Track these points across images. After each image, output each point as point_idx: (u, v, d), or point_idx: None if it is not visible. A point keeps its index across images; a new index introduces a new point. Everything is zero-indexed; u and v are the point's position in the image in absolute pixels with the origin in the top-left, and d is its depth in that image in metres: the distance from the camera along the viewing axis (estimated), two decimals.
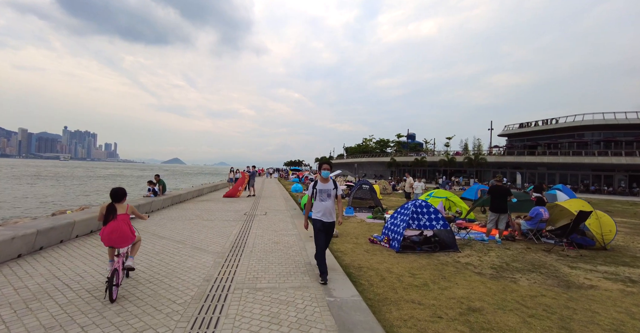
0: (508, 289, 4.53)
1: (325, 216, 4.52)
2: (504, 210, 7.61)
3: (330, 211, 4.54)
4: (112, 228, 3.83)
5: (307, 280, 4.46)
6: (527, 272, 5.39)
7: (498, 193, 7.61)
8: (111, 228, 3.83)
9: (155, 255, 5.52)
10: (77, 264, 4.91)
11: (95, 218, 7.18)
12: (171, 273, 4.64)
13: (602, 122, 40.07)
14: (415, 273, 5.08)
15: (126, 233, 3.92)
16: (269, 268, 4.97)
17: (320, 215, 4.52)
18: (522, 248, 7.14)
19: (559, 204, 8.55)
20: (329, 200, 4.54)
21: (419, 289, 4.41)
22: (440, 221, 6.69)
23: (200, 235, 7.23)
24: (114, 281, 3.60)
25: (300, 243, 6.70)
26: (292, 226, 8.55)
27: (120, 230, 3.86)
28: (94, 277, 4.36)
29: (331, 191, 4.58)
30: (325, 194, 4.54)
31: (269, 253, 5.80)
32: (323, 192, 4.55)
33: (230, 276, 4.56)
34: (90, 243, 6.23)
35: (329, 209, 4.52)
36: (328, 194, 4.54)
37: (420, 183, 13.00)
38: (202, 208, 11.71)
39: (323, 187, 4.59)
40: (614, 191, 34.42)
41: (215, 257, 5.48)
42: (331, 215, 4.56)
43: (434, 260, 5.92)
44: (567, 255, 6.61)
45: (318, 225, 4.54)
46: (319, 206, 4.54)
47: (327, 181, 4.67)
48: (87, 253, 5.50)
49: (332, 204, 4.56)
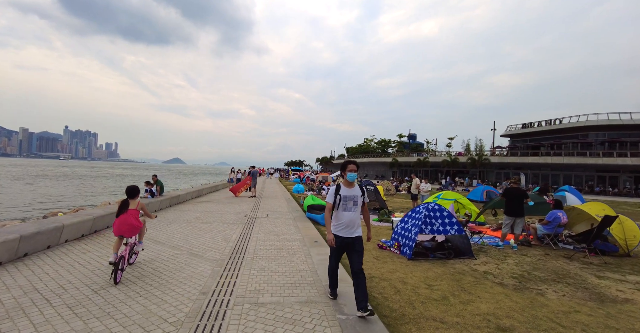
0: (537, 303, 4.09)
1: (349, 229, 3.66)
2: (521, 214, 7.18)
3: (355, 223, 3.68)
4: (122, 220, 4.48)
5: (314, 294, 4.02)
6: (553, 283, 4.95)
7: (514, 195, 7.18)
8: (121, 220, 4.48)
9: (148, 263, 5.09)
10: (62, 273, 4.47)
11: (87, 221, 6.77)
12: (164, 284, 4.21)
13: (606, 122, 39.58)
14: (431, 284, 4.65)
15: (133, 225, 4.54)
16: (272, 278, 4.54)
17: (342, 229, 3.66)
18: (540, 255, 6.70)
19: (576, 208, 8.12)
20: (355, 210, 3.69)
21: (439, 303, 3.97)
22: (454, 225, 6.26)
23: (198, 239, 6.81)
24: (119, 266, 4.17)
25: (305, 248, 6.26)
26: (295, 230, 8.12)
27: (129, 223, 4.50)
28: (78, 289, 3.93)
29: (358, 198, 3.70)
30: (351, 202, 3.67)
31: (271, 261, 5.37)
32: (348, 199, 3.66)
33: (230, 288, 4.13)
34: (80, 248, 5.80)
35: (353, 220, 3.66)
36: (354, 203, 3.68)
37: (427, 184, 12.56)
38: (201, 210, 11.28)
39: (348, 193, 3.69)
40: (619, 193, 33.91)
41: (214, 265, 5.05)
42: (356, 228, 3.70)
43: (450, 268, 5.48)
44: (591, 263, 6.17)
45: (337, 242, 3.67)
46: (342, 217, 3.66)
47: (352, 185, 3.77)
48: (74, 261, 5.07)
49: (357, 215, 3.71)
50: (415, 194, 12.83)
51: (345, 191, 3.70)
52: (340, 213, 3.69)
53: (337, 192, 3.71)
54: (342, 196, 3.67)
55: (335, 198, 3.70)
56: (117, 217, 4.50)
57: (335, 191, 3.72)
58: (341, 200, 3.66)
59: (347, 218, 3.65)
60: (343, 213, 3.67)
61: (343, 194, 3.68)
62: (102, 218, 7.36)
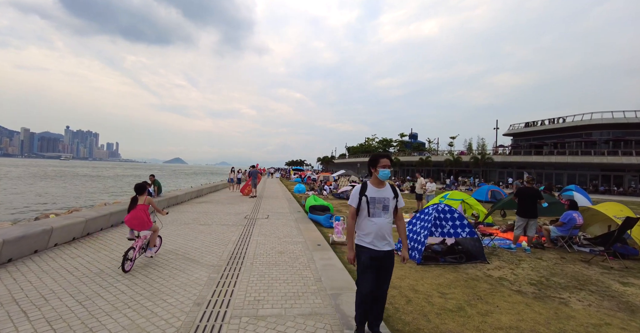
0: (562, 314, 3.74)
1: (378, 240, 2.88)
2: (534, 215, 6.83)
3: (385, 234, 2.90)
4: (132, 214, 4.88)
5: (318, 304, 3.68)
6: (575, 290, 4.60)
7: (528, 195, 6.83)
8: (132, 214, 4.88)
9: (140, 269, 4.75)
10: (46, 281, 4.14)
11: (79, 224, 6.45)
12: (156, 293, 3.87)
13: (611, 121, 39.08)
14: (445, 293, 4.30)
15: (143, 219, 4.92)
16: (273, 286, 4.20)
17: (370, 240, 2.89)
18: (555, 258, 6.35)
19: (591, 208, 7.77)
20: (386, 216, 2.92)
21: (455, 315, 3.63)
22: (466, 228, 5.91)
23: (195, 242, 6.48)
24: (128, 256, 4.58)
25: (308, 253, 5.92)
26: (297, 232, 7.78)
27: (138, 217, 4.89)
28: (60, 300, 3.60)
29: (389, 201, 2.95)
30: (381, 205, 2.91)
31: (272, 267, 5.03)
32: (378, 203, 2.91)
33: (227, 298, 3.79)
34: (70, 253, 5.47)
35: (384, 230, 2.89)
36: (384, 207, 2.92)
37: (433, 184, 12.21)
38: (200, 211, 10.95)
39: (378, 194, 2.94)
40: (624, 192, 33.49)
41: (210, 272, 4.71)
42: (387, 240, 2.92)
43: (462, 274, 5.14)
44: (611, 267, 5.81)
45: (365, 257, 2.88)
46: (369, 225, 2.90)
47: (383, 185, 3.01)
48: (61, 267, 4.74)
49: (389, 223, 2.95)
50: (420, 195, 12.47)
51: (374, 192, 2.94)
52: (366, 220, 2.92)
53: (362, 193, 2.95)
54: (370, 198, 2.91)
55: (360, 200, 2.94)
56: (128, 212, 4.92)
57: (360, 192, 2.96)
58: (368, 203, 2.90)
59: (374, 227, 2.88)
60: (370, 220, 2.90)
61: (370, 196, 2.92)
62: (95, 220, 7.04)
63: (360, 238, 2.97)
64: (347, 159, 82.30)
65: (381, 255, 2.88)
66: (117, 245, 6.12)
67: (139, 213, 4.88)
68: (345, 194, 18.07)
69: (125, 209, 8.63)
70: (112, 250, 5.72)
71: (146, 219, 4.94)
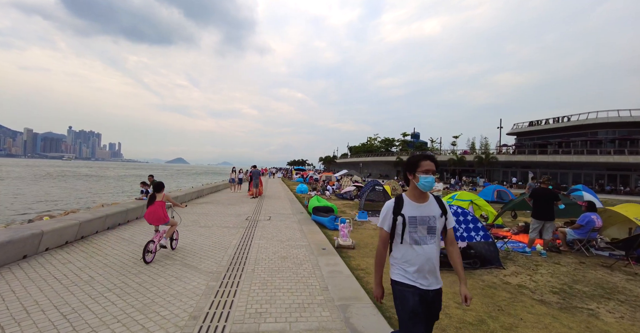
0: (595, 329, 3.40)
1: (424, 276, 2.09)
2: (551, 217, 6.47)
3: (434, 266, 2.11)
4: (150, 210, 5.30)
5: (326, 318, 3.35)
6: (602, 300, 4.25)
7: (544, 197, 6.47)
8: (149, 210, 5.30)
9: (134, 276, 4.44)
10: (31, 291, 3.83)
11: (71, 227, 6.14)
12: (149, 305, 3.56)
13: (617, 119, 38.53)
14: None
15: (159, 214, 5.31)
16: (276, 296, 3.88)
17: (414, 275, 2.09)
18: (574, 263, 5.99)
19: (608, 209, 7.41)
20: (432, 241, 2.11)
21: (477, 330, 3.29)
22: (480, 231, 5.57)
23: (194, 246, 6.17)
24: (149, 249, 4.97)
25: (312, 258, 5.60)
26: (301, 235, 7.45)
27: (156, 212, 5.30)
28: (44, 313, 3.29)
29: (436, 219, 2.13)
30: (425, 227, 2.11)
31: (274, 273, 4.70)
32: (420, 224, 2.11)
33: (226, 310, 3.47)
34: (60, 258, 5.17)
35: (431, 260, 2.09)
36: (430, 229, 2.11)
37: (440, 184, 11.85)
38: (199, 212, 10.64)
39: (419, 212, 2.12)
40: (630, 192, 32.96)
41: (209, 279, 4.39)
42: (437, 275, 2.14)
43: (478, 281, 4.80)
44: (636, 273, 5.46)
45: (410, 300, 2.07)
46: (410, 255, 2.11)
47: (425, 198, 2.18)
48: (49, 274, 4.43)
49: (437, 251, 2.14)
50: None
51: (413, 209, 2.11)
52: (407, 248, 2.11)
53: (397, 210, 2.13)
54: (408, 217, 2.09)
55: (395, 221, 2.12)
56: (147, 208, 5.33)
57: (394, 209, 2.14)
58: (406, 225, 2.09)
59: (420, 258, 2.07)
60: (412, 248, 2.09)
61: (410, 215, 2.10)
62: (90, 222, 6.73)
63: (400, 271, 2.13)
64: (349, 159, 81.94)
65: (430, 297, 2.08)
66: (112, 249, 5.81)
67: (156, 209, 5.30)
68: (348, 194, 17.71)
69: (125, 210, 8.41)
70: (106, 255, 5.41)
71: (163, 214, 5.34)
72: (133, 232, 7.28)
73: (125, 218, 8.36)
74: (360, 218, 10.08)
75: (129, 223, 8.43)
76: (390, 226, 2.16)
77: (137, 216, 8.99)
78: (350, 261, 5.53)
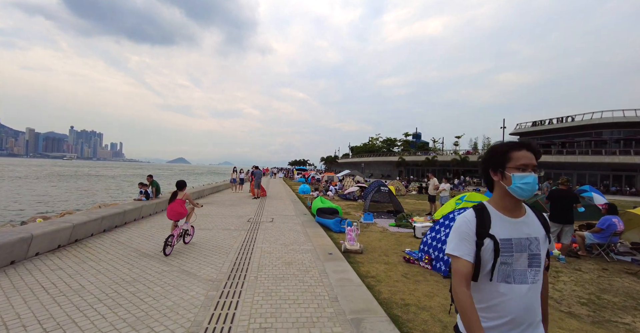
0: None
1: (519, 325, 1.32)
2: (570, 221, 6.14)
3: (535, 313, 1.35)
4: (170, 207, 5.81)
5: None
6: (636, 312, 3.90)
7: (563, 199, 6.13)
8: (171, 207, 5.81)
9: (128, 285, 4.12)
10: (14, 302, 3.51)
11: (64, 230, 5.84)
12: (142, 319, 3.23)
13: (622, 119, 38.08)
14: None
15: (179, 211, 5.82)
16: (282, 308, 3.54)
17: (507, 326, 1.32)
18: (596, 269, 5.64)
19: (627, 212, 7.07)
20: (536, 277, 1.36)
21: None
22: None
23: (192, 250, 5.84)
24: (169, 242, 5.35)
25: (319, 263, 5.26)
26: (305, 238, 7.12)
27: (176, 209, 5.80)
28: (25, 328, 2.96)
29: (539, 243, 1.37)
30: (525, 254, 1.34)
31: (279, 282, 4.37)
32: (518, 249, 1.34)
33: (227, 324, 3.14)
34: (50, 264, 4.85)
35: (533, 310, 1.34)
36: (533, 257, 1.35)
37: (447, 184, 11.51)
38: (200, 214, 10.32)
39: (515, 232, 1.36)
40: (636, 192, 32.56)
41: (209, 288, 4.07)
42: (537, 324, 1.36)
43: None
44: None
45: None
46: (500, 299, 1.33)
47: (522, 210, 1.42)
48: (37, 282, 4.11)
49: (538, 291, 1.37)
50: (433, 196, 11.77)
51: (506, 227, 1.38)
52: (494, 288, 1.35)
53: (482, 229, 1.37)
54: (501, 240, 1.34)
55: (480, 246, 1.35)
56: (169, 205, 5.85)
57: (477, 228, 1.38)
58: (499, 254, 1.33)
59: (514, 303, 1.32)
60: (505, 288, 1.33)
61: (502, 237, 1.35)
62: (85, 225, 6.42)
63: (488, 319, 1.35)
64: (350, 159, 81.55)
65: None
66: (106, 253, 5.49)
67: (176, 206, 5.79)
68: (352, 195, 17.36)
69: (122, 211, 8.09)
70: (100, 261, 5.09)
71: (182, 211, 5.83)
72: (130, 235, 6.96)
73: (123, 220, 8.05)
74: (366, 220, 9.74)
75: (126, 225, 8.12)
76: (473, 256, 1.35)
77: (134, 217, 8.68)
78: (359, 267, 5.19)
